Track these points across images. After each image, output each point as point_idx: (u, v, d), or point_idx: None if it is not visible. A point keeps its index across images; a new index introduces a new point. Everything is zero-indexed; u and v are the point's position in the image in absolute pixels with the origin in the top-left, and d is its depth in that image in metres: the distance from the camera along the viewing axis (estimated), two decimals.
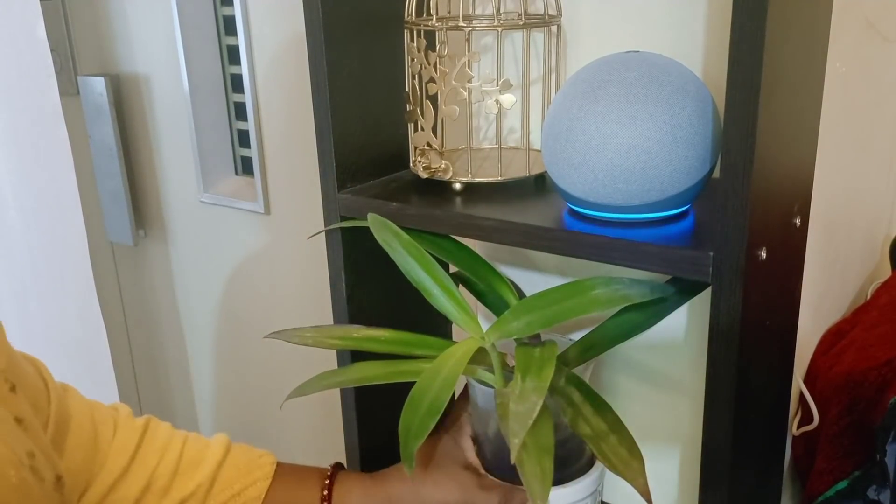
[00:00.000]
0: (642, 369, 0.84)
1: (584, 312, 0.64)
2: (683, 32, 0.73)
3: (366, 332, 0.73)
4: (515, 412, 0.55)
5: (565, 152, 0.64)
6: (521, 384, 0.59)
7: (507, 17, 0.75)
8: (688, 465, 0.84)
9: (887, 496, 0.74)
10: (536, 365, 0.61)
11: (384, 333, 0.73)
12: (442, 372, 0.63)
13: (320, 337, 0.72)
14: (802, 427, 0.84)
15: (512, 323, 0.66)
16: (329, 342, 0.72)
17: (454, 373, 0.63)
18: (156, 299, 1.76)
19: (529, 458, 0.57)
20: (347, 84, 0.76)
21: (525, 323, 0.65)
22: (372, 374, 0.69)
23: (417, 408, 0.60)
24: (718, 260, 0.57)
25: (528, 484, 0.56)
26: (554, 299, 0.65)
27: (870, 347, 0.81)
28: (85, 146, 1.64)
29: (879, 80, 0.89)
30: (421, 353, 0.70)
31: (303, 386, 0.69)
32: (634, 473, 0.60)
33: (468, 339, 0.68)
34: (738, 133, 0.53)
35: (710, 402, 0.60)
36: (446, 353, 0.65)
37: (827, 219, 0.78)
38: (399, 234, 0.71)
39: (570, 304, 0.65)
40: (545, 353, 0.63)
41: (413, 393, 0.61)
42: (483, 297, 0.78)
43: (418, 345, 0.72)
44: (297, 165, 1.37)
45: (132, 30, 1.56)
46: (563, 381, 0.67)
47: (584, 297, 0.65)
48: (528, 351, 0.64)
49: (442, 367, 0.63)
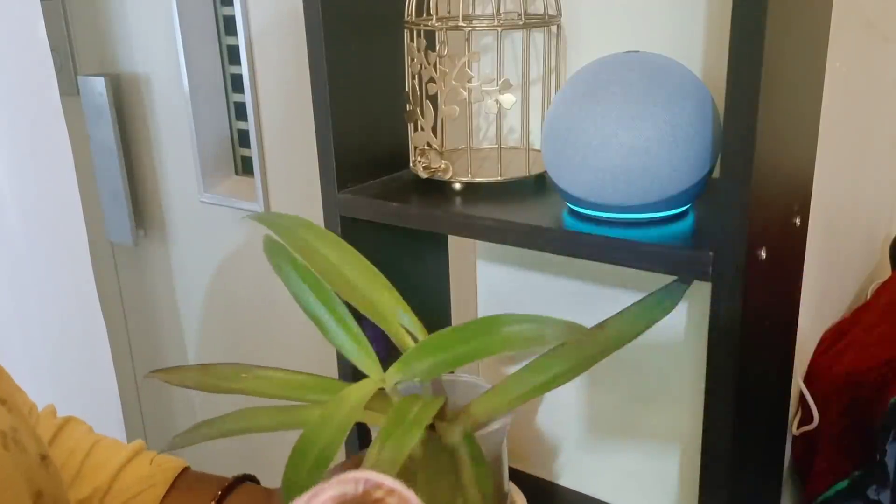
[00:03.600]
0: (642, 369, 0.84)
1: (495, 352, 0.58)
2: (683, 32, 0.73)
3: (256, 372, 0.64)
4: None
5: (565, 152, 0.64)
6: (378, 450, 0.51)
7: (507, 17, 0.75)
8: (688, 465, 0.84)
9: (887, 496, 0.74)
10: (403, 428, 0.53)
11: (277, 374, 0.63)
12: (334, 419, 0.54)
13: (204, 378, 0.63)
14: (802, 427, 0.84)
15: (415, 364, 0.58)
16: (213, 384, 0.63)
17: (347, 421, 0.54)
18: (156, 299, 1.76)
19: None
20: (347, 84, 0.76)
21: (431, 364, 0.58)
22: (255, 423, 0.60)
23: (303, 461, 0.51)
24: (718, 260, 0.57)
25: None
26: (463, 337, 0.58)
27: (870, 347, 0.81)
28: (85, 146, 1.64)
29: (879, 80, 0.89)
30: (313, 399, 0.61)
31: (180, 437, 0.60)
32: None
33: (365, 381, 0.60)
34: (738, 133, 0.53)
35: (710, 402, 0.60)
36: (339, 397, 0.57)
37: (827, 219, 0.78)
38: (297, 265, 0.64)
39: (481, 343, 0.57)
40: (421, 413, 0.54)
41: (298, 444, 0.53)
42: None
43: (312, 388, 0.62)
44: (297, 165, 1.37)
45: (132, 30, 1.56)
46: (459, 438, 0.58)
47: (495, 335, 0.58)
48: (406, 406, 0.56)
49: (334, 414, 0.55)
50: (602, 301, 0.84)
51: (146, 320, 1.81)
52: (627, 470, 0.89)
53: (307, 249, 0.64)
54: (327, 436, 0.53)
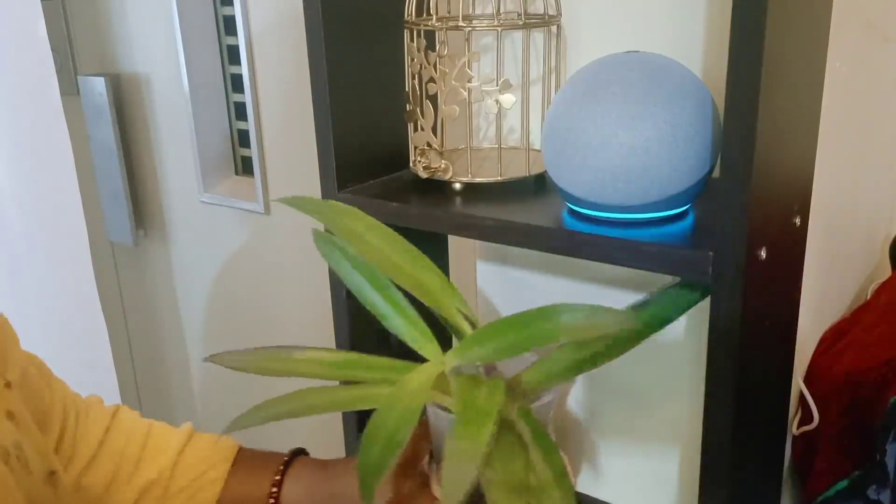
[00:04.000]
0: (642, 369, 0.84)
1: (552, 340, 0.59)
2: (683, 32, 0.73)
3: (309, 353, 0.66)
4: (448, 478, 0.50)
5: (565, 152, 0.64)
6: (456, 443, 0.52)
7: (507, 17, 0.75)
8: (688, 465, 0.84)
9: (887, 496, 0.74)
10: (475, 418, 0.55)
11: (329, 356, 0.66)
12: (400, 403, 0.57)
13: (258, 361, 0.65)
14: (802, 427, 0.84)
15: (475, 349, 0.60)
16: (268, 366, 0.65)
17: (415, 405, 0.57)
18: (156, 299, 1.76)
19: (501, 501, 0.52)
20: (347, 84, 0.76)
21: (492, 349, 0.59)
22: (317, 402, 0.62)
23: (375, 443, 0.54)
24: (718, 260, 0.57)
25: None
26: (521, 324, 0.59)
27: (870, 347, 0.81)
28: (85, 146, 1.64)
29: (879, 80, 0.89)
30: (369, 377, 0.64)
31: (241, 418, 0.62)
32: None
33: (427, 365, 0.62)
34: (738, 133, 0.53)
35: (710, 402, 0.60)
36: (404, 381, 0.59)
37: (827, 219, 0.78)
38: (349, 254, 0.66)
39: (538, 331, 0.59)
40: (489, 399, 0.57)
41: (370, 427, 0.55)
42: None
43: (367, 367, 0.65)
44: (297, 165, 1.37)
45: (132, 30, 1.56)
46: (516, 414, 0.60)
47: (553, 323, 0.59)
48: (471, 393, 0.58)
49: (401, 397, 0.57)
50: (602, 301, 0.83)
51: (146, 320, 1.81)
52: (627, 470, 0.89)
53: (354, 237, 0.65)
54: (397, 419, 0.55)
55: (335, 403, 0.62)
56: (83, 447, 0.72)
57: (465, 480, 0.49)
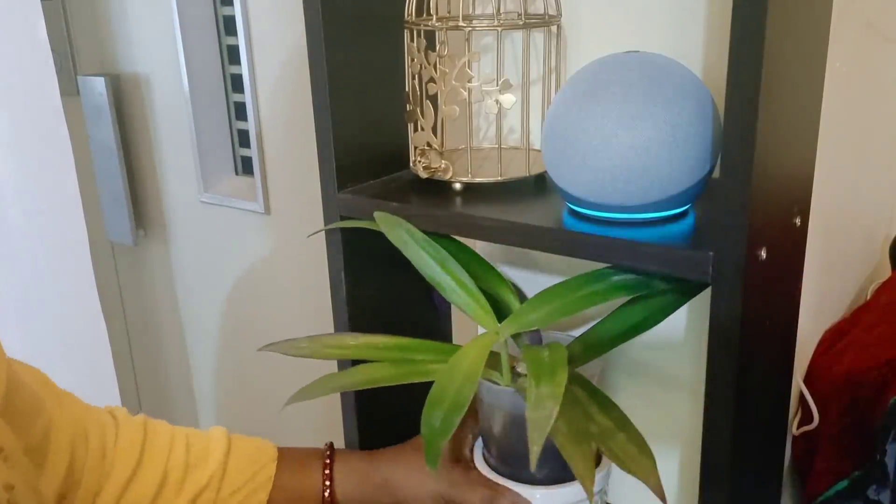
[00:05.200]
0: (642, 369, 0.84)
1: (604, 300, 0.64)
2: (683, 32, 0.73)
3: (363, 339, 0.73)
4: (533, 419, 0.55)
5: (565, 152, 0.64)
6: (536, 390, 0.58)
7: (507, 17, 0.75)
8: (688, 465, 0.84)
9: (887, 496, 0.74)
10: (548, 370, 0.60)
11: (382, 340, 0.72)
12: (461, 367, 0.62)
13: (315, 347, 0.71)
14: (802, 427, 0.84)
15: (530, 315, 0.66)
16: (325, 352, 0.71)
17: (476, 367, 0.62)
18: (156, 299, 1.76)
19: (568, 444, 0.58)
20: (347, 84, 0.76)
21: (545, 313, 0.65)
22: (379, 375, 0.68)
23: (439, 405, 0.58)
24: (718, 260, 0.57)
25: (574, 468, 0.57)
26: (574, 287, 0.65)
27: (870, 347, 0.81)
28: (85, 146, 1.64)
29: (879, 80, 0.89)
30: (421, 358, 0.70)
31: (306, 389, 0.67)
32: (646, 471, 0.59)
33: (483, 335, 0.67)
34: (738, 133, 0.53)
35: (710, 402, 0.60)
36: (462, 350, 0.65)
37: (827, 219, 0.78)
38: (413, 231, 0.71)
39: (590, 292, 0.65)
40: (554, 356, 0.62)
41: (432, 394, 0.59)
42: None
43: (418, 349, 0.71)
44: (297, 165, 1.37)
45: (132, 30, 1.56)
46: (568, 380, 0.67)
47: (605, 283, 0.65)
48: (538, 354, 0.63)
49: (461, 363, 0.63)
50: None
51: (146, 320, 1.81)
52: None
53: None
54: (457, 382, 0.60)
55: (395, 377, 0.67)
56: (122, 460, 0.71)
57: (549, 416, 0.54)
